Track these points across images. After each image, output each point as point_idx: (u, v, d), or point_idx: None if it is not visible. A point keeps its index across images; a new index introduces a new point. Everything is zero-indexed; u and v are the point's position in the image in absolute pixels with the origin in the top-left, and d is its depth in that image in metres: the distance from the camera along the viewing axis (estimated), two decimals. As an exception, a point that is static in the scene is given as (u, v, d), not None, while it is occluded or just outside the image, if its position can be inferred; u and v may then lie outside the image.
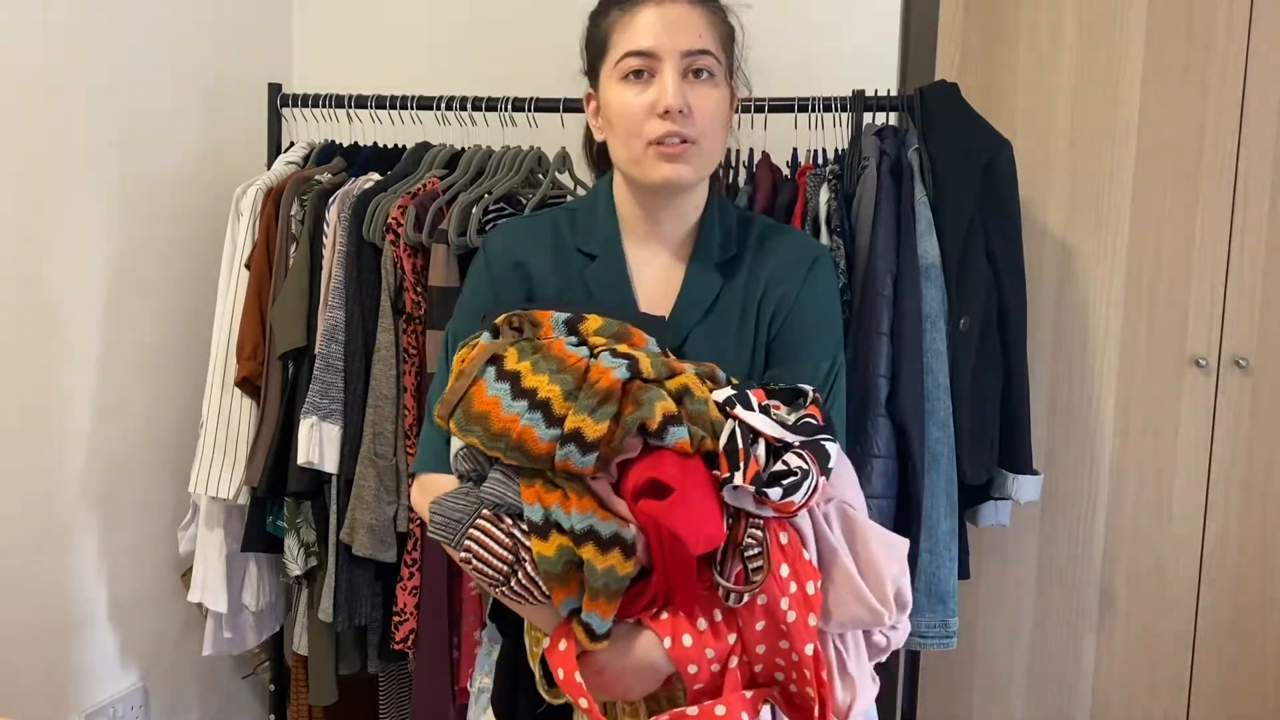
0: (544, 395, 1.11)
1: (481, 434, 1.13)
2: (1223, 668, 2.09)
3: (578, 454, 1.09)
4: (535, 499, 1.11)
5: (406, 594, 1.94)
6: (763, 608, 1.13)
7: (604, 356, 1.14)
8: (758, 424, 1.14)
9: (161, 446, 2.19)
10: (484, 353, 1.17)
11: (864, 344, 1.74)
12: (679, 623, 1.13)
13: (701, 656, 1.13)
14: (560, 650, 1.13)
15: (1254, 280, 2.01)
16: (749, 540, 1.11)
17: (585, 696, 1.11)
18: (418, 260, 1.94)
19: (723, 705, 1.12)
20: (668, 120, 1.22)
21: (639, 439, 1.12)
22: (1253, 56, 1.97)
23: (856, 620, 1.19)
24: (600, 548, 1.08)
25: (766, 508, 1.12)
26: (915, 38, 2.29)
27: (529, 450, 1.10)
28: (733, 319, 1.31)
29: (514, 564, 1.11)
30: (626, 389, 1.12)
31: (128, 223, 2.07)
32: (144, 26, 2.08)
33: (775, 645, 1.14)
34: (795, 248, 1.37)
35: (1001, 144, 1.85)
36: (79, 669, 2.05)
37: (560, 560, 1.09)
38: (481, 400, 1.14)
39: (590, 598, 1.09)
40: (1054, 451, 2.11)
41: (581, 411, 1.09)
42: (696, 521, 1.09)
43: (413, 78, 2.17)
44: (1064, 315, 2.10)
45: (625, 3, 1.26)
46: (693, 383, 1.16)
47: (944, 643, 1.80)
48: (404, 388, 1.94)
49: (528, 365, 1.14)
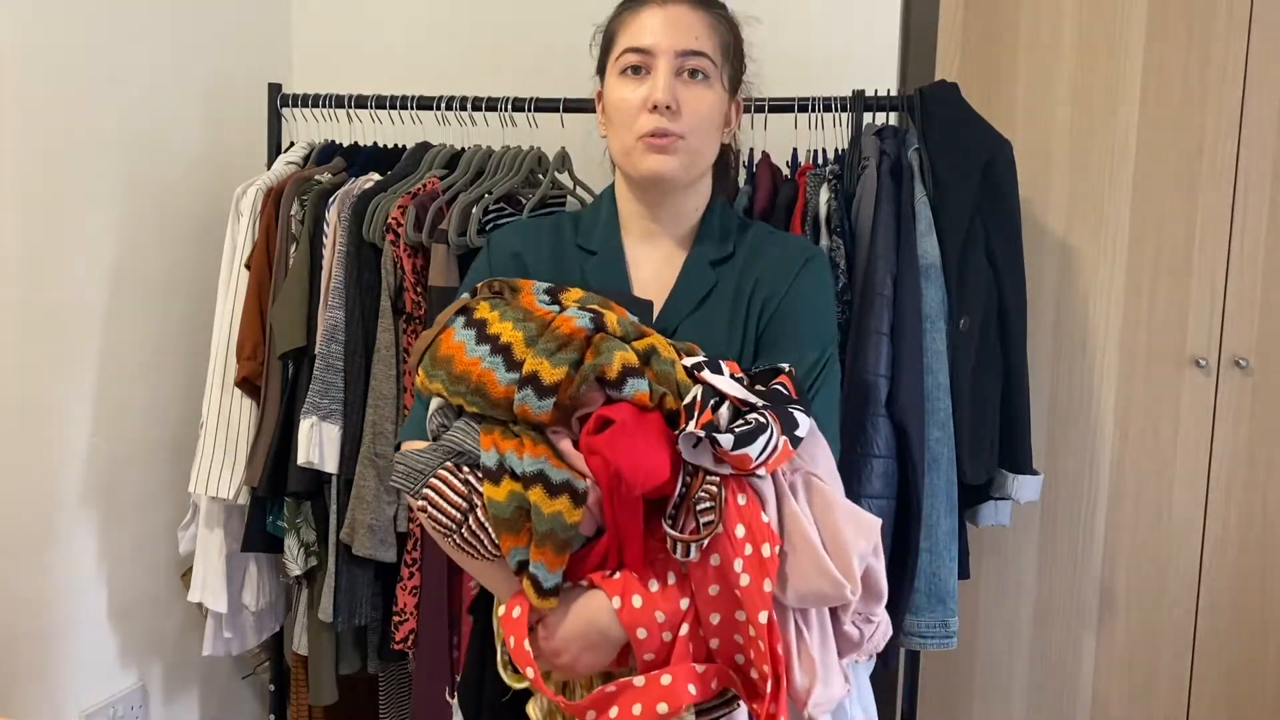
0: (506, 340, 1.14)
1: (445, 378, 1.16)
2: (1223, 668, 2.09)
3: (534, 398, 1.10)
4: (491, 445, 1.12)
5: (406, 594, 1.94)
6: (715, 570, 1.10)
7: (570, 309, 1.16)
8: (721, 385, 1.14)
9: (161, 446, 2.19)
10: (456, 304, 1.21)
11: (864, 344, 1.74)
12: (630, 582, 1.12)
13: (651, 619, 1.11)
14: (514, 617, 1.13)
15: (1254, 280, 2.01)
16: (702, 494, 1.10)
17: (531, 665, 1.11)
18: (418, 260, 1.94)
19: (669, 675, 1.09)
20: (656, 115, 1.27)
21: (600, 393, 1.13)
22: (1252, 57, 1.97)
23: (817, 593, 1.13)
24: (549, 491, 1.09)
25: (725, 465, 1.10)
26: (915, 38, 2.29)
27: (488, 393, 1.13)
28: (723, 313, 1.34)
29: (466, 510, 1.13)
30: (589, 340, 1.13)
31: (128, 222, 2.07)
32: (144, 26, 2.08)
33: (730, 616, 1.11)
34: (789, 249, 1.40)
35: (1001, 144, 1.85)
36: (79, 669, 2.05)
37: (510, 505, 1.10)
38: (448, 345, 1.17)
39: (537, 544, 1.09)
40: (1054, 451, 2.11)
41: (540, 355, 1.11)
42: (638, 453, 1.08)
43: (413, 78, 2.17)
44: (1064, 315, 2.10)
45: (633, 4, 1.33)
46: (661, 344, 1.17)
47: (944, 643, 1.80)
48: (404, 388, 1.94)
49: (495, 315, 1.17)
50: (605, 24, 1.38)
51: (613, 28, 1.35)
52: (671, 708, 1.08)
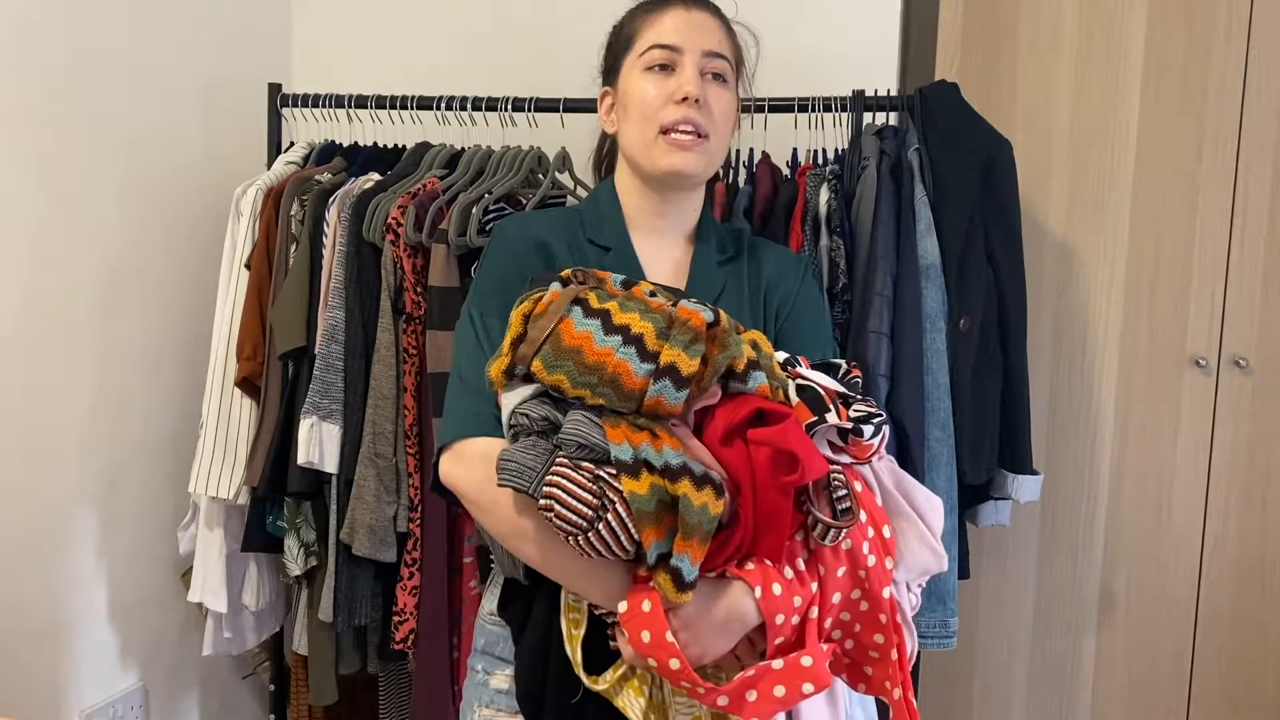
0: (637, 330, 1.12)
1: (573, 369, 1.11)
2: (1223, 668, 2.09)
3: (672, 389, 1.09)
4: (623, 438, 1.09)
5: (406, 594, 1.94)
6: (846, 552, 1.14)
7: (685, 301, 1.16)
8: (820, 380, 1.17)
9: (161, 446, 2.19)
10: (565, 295, 1.17)
11: (864, 344, 1.74)
12: (768, 571, 1.11)
13: (789, 605, 1.11)
14: (644, 612, 1.10)
15: (1254, 280, 2.01)
16: (835, 482, 1.12)
17: (677, 656, 1.09)
18: (418, 260, 1.94)
19: (809, 656, 1.10)
20: (684, 106, 1.31)
21: (719, 386, 1.14)
22: (1253, 57, 1.97)
23: (922, 565, 1.22)
24: (695, 484, 1.07)
25: (842, 454, 1.15)
26: (915, 38, 2.29)
27: (622, 385, 1.10)
28: (742, 311, 1.36)
29: (599, 508, 1.08)
30: (711, 333, 1.13)
31: (128, 222, 2.07)
32: (144, 27, 2.08)
33: (848, 595, 1.15)
34: (786, 255, 1.47)
35: (1001, 144, 1.85)
36: (79, 669, 2.05)
37: (653, 499, 1.07)
38: (572, 336, 1.13)
39: (684, 537, 1.07)
40: (1054, 451, 2.11)
41: (676, 346, 1.10)
42: (808, 446, 1.10)
43: (413, 78, 2.17)
44: (1064, 315, 2.10)
45: (654, 7, 1.37)
46: (760, 338, 1.19)
47: (944, 643, 1.80)
48: (404, 388, 1.94)
49: (615, 304, 1.15)
50: (620, 25, 1.41)
51: (632, 28, 1.38)
52: (817, 687, 1.10)
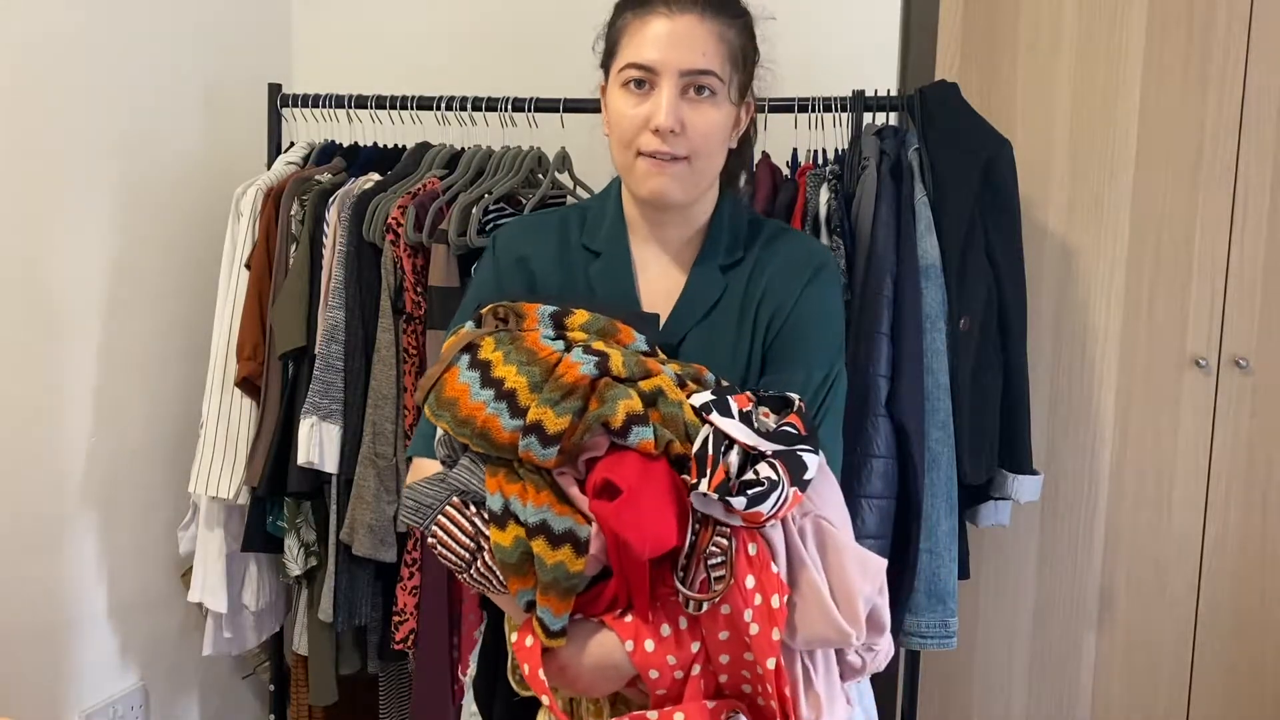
0: (510, 385, 1.13)
1: (450, 420, 1.15)
2: (1223, 668, 2.09)
3: (539, 446, 1.10)
4: (497, 488, 1.13)
5: (406, 594, 1.94)
6: (725, 618, 1.12)
7: (575, 352, 1.15)
8: (732, 431, 1.12)
9: (161, 446, 2.19)
10: (460, 340, 1.19)
11: (864, 344, 1.74)
12: (641, 628, 1.13)
13: (663, 663, 1.12)
14: (526, 646, 1.14)
15: (1254, 280, 2.01)
16: (713, 549, 1.10)
17: (547, 694, 1.12)
18: (418, 260, 1.94)
19: (681, 713, 1.12)
20: (658, 138, 1.23)
21: (605, 437, 1.12)
22: (1253, 56, 1.97)
23: (823, 639, 1.17)
24: (551, 542, 1.10)
25: (735, 516, 1.10)
26: (915, 38, 2.29)
27: (493, 439, 1.12)
28: (731, 322, 1.31)
29: (475, 551, 1.14)
30: (595, 385, 1.12)
31: (128, 223, 2.07)
32: (144, 26, 2.08)
33: (740, 656, 1.13)
34: (800, 254, 1.35)
35: (1001, 144, 1.85)
36: (79, 669, 2.05)
37: (516, 551, 1.11)
38: (452, 386, 1.16)
39: (542, 592, 1.11)
40: (1054, 451, 2.11)
41: (544, 404, 1.10)
42: (644, 524, 1.08)
43: (413, 78, 2.16)
44: (1064, 315, 2.10)
45: (641, 7, 1.26)
46: (667, 385, 1.15)
47: (944, 643, 1.80)
48: (404, 388, 1.94)
49: (500, 355, 1.16)
50: (611, 20, 1.31)
51: (617, 30, 1.28)
52: None
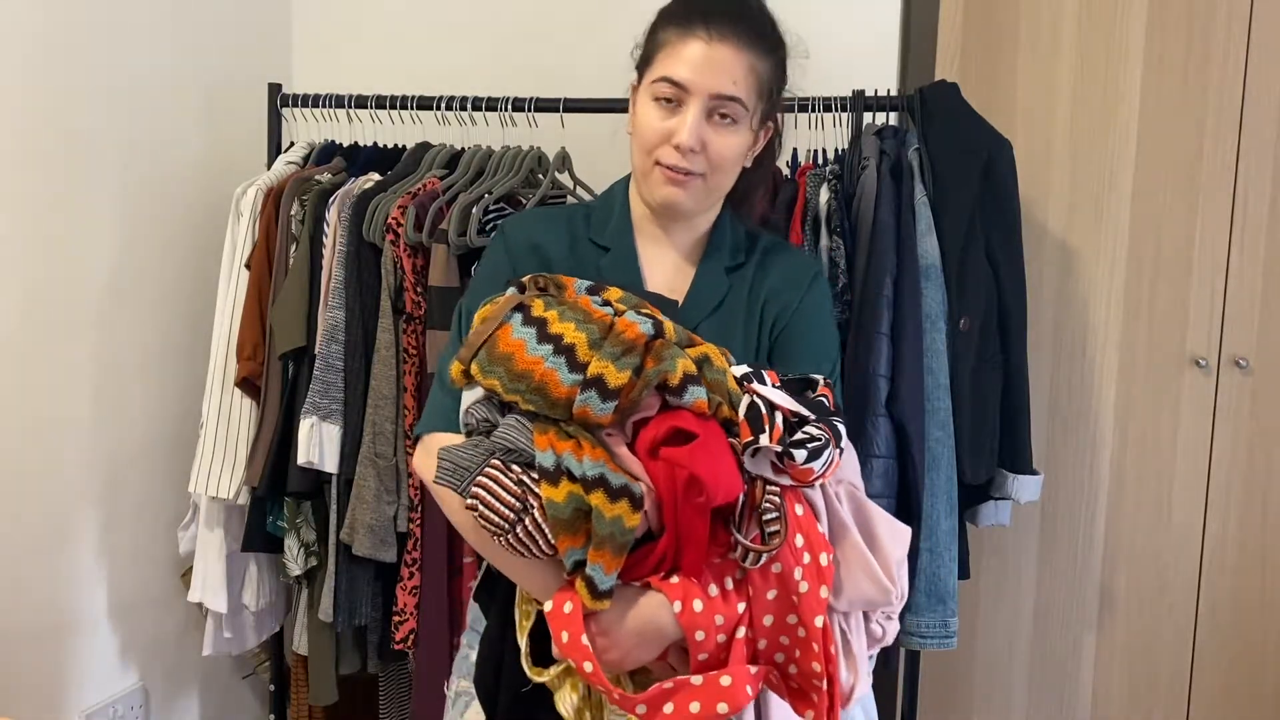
0: (569, 340, 1.13)
1: (504, 375, 1.14)
2: (1223, 668, 2.09)
3: (597, 400, 1.10)
4: (548, 445, 1.11)
5: (406, 594, 1.94)
6: (776, 576, 1.13)
7: (629, 314, 1.16)
8: (775, 398, 1.16)
9: (161, 446, 2.19)
10: (510, 300, 1.19)
11: (864, 344, 1.74)
12: (690, 587, 1.12)
13: (710, 623, 1.12)
14: (565, 613, 1.12)
15: (1254, 280, 2.01)
16: (767, 505, 1.12)
17: (590, 659, 1.11)
18: (418, 260, 1.94)
19: (728, 675, 1.11)
20: (678, 154, 1.29)
21: (656, 398, 1.13)
22: (1253, 56, 1.97)
23: (865, 598, 1.20)
24: (610, 496, 1.09)
25: (784, 475, 1.13)
26: (915, 38, 2.29)
27: (550, 394, 1.11)
28: (739, 319, 1.37)
29: (520, 511, 1.11)
30: (649, 346, 1.13)
31: (128, 223, 2.07)
32: (144, 27, 2.08)
33: (782, 619, 1.14)
34: (798, 264, 1.44)
35: (1001, 144, 1.85)
36: (79, 669, 2.05)
37: (569, 507, 1.09)
38: (506, 342, 1.15)
39: (595, 547, 1.09)
40: (1054, 451, 2.11)
41: (605, 359, 1.11)
42: (718, 469, 1.09)
43: (413, 78, 2.16)
44: (1064, 315, 2.10)
45: (683, 26, 1.30)
46: (713, 352, 1.18)
47: (944, 643, 1.80)
48: (404, 388, 1.94)
49: (555, 314, 1.16)
50: (654, 27, 1.35)
51: (657, 41, 1.33)
52: (732, 708, 1.11)
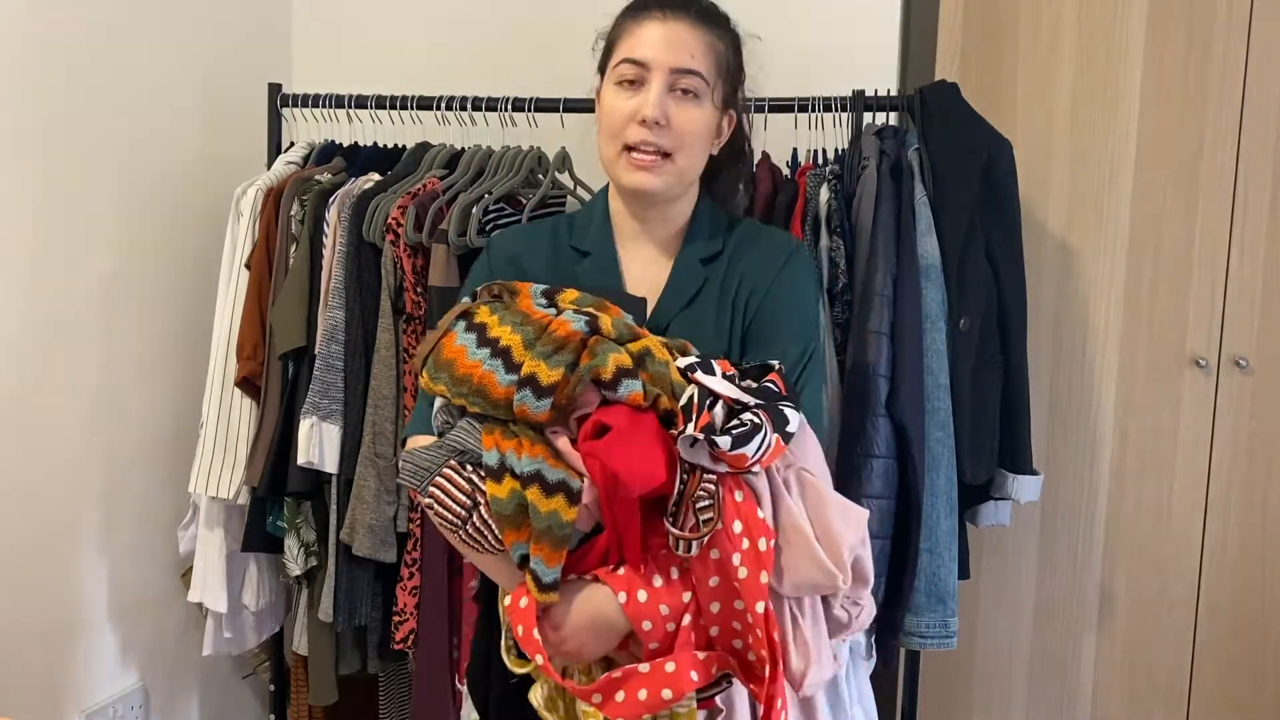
0: (506, 343, 1.19)
1: (448, 380, 1.20)
2: (1223, 668, 2.09)
3: (533, 398, 1.15)
4: (493, 445, 1.17)
5: (406, 594, 1.94)
6: (715, 562, 1.16)
7: (566, 313, 1.21)
8: (715, 386, 1.19)
9: (161, 446, 2.19)
10: (456, 309, 1.25)
11: (864, 344, 1.74)
12: (634, 578, 1.17)
13: (656, 613, 1.16)
14: (520, 607, 1.18)
15: (1254, 280, 2.01)
16: (700, 494, 1.15)
17: (541, 652, 1.15)
18: (418, 260, 1.94)
19: (672, 662, 1.15)
20: (644, 129, 1.32)
21: (596, 394, 1.18)
22: (1253, 56, 1.97)
23: (811, 582, 1.21)
24: (545, 491, 1.14)
25: (721, 463, 1.16)
26: (915, 38, 2.29)
27: (489, 394, 1.17)
28: (711, 310, 1.39)
29: (470, 508, 1.18)
30: (586, 343, 1.17)
31: (128, 222, 2.07)
32: (144, 27, 2.08)
33: (730, 605, 1.17)
34: (772, 244, 1.45)
35: (1001, 144, 1.85)
36: (79, 669, 2.05)
37: (512, 502, 1.15)
38: (450, 348, 1.21)
39: (535, 542, 1.14)
40: (1054, 451, 2.11)
41: (537, 358, 1.16)
42: (635, 459, 1.13)
43: (413, 78, 2.16)
44: (1064, 315, 2.10)
45: (636, 13, 1.37)
46: (655, 345, 1.21)
47: (944, 643, 1.80)
48: (404, 388, 1.94)
49: (496, 319, 1.21)
50: (610, 26, 1.41)
51: (614, 35, 1.39)
52: (675, 693, 1.14)
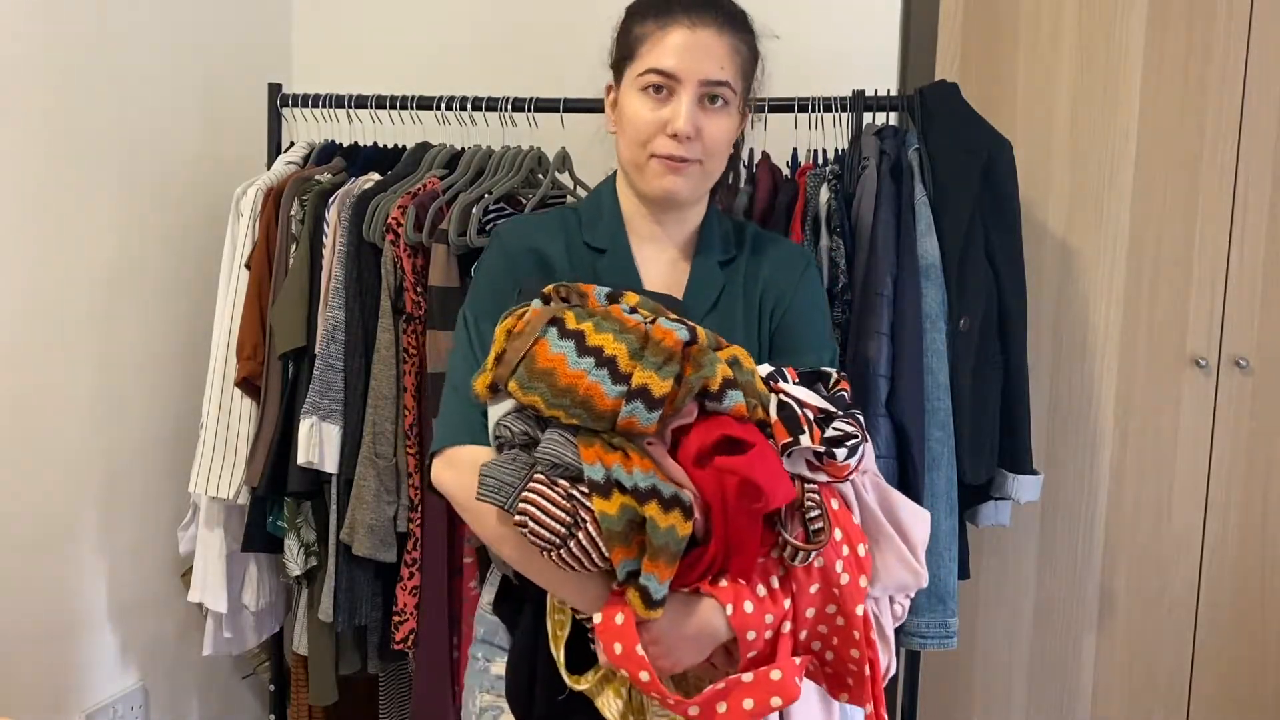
0: (610, 352, 1.12)
1: (546, 391, 1.13)
2: (1223, 668, 2.09)
3: (643, 410, 1.10)
4: (596, 458, 1.11)
5: (406, 594, 1.94)
6: (819, 570, 1.17)
7: (662, 320, 1.17)
8: (803, 396, 1.18)
9: (161, 446, 2.19)
10: (542, 315, 1.18)
11: (864, 344, 1.74)
12: (740, 590, 1.14)
13: (761, 622, 1.15)
14: (617, 624, 1.13)
15: (1254, 280, 2.01)
16: (809, 503, 1.14)
17: (647, 669, 1.12)
18: (418, 260, 1.94)
19: (778, 670, 1.14)
20: (674, 142, 1.28)
21: (695, 404, 1.14)
22: (1253, 56, 1.97)
23: (899, 582, 1.24)
24: (663, 506, 1.09)
25: (820, 473, 1.16)
26: (915, 38, 2.29)
27: (594, 407, 1.11)
28: (738, 313, 1.37)
29: (572, 525, 1.10)
30: (686, 352, 1.14)
31: (128, 222, 2.07)
32: (144, 27, 2.08)
33: (823, 610, 1.18)
34: (788, 252, 1.45)
35: (1001, 144, 1.85)
36: (79, 669, 2.05)
37: (622, 519, 1.09)
38: (545, 357, 1.14)
39: (650, 558, 1.09)
40: (1054, 451, 2.11)
41: (648, 368, 1.11)
42: (775, 475, 1.11)
43: (413, 78, 2.16)
44: (1064, 315, 2.10)
45: (661, 17, 1.30)
46: (741, 354, 1.19)
47: (944, 643, 1.80)
48: (404, 388, 1.94)
49: (590, 325, 1.15)
50: (628, 23, 1.34)
51: (636, 36, 1.31)
52: (785, 700, 1.13)
